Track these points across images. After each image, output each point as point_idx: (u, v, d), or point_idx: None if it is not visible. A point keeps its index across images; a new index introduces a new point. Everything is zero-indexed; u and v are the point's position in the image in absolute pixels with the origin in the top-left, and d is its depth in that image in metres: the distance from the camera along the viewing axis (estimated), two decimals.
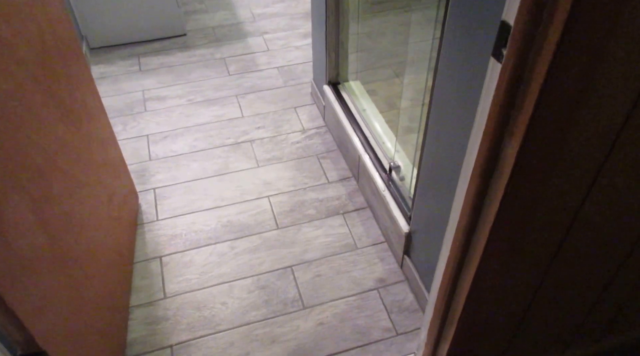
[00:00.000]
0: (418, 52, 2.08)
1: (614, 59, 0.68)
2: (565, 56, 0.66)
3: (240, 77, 2.40)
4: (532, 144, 0.76)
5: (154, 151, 2.01)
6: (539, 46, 0.66)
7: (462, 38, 0.97)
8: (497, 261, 0.99)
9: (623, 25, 0.64)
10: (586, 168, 0.85)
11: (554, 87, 0.69)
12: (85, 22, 2.44)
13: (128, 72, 2.41)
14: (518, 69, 0.69)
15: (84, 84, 1.34)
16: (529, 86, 0.70)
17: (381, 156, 1.71)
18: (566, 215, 0.93)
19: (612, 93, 0.73)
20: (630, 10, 0.62)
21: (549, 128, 0.75)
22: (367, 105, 1.94)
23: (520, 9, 0.64)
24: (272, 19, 2.80)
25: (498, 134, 0.79)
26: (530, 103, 0.70)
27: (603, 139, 0.80)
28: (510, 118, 0.76)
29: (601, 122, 0.77)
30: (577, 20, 0.62)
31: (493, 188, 0.86)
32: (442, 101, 1.12)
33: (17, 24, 0.93)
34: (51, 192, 1.00)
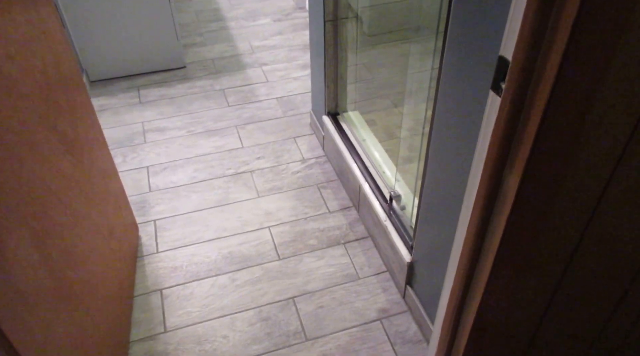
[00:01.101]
0: (417, 83, 2.12)
1: (612, 91, 0.69)
2: (563, 89, 0.67)
3: (239, 108, 2.42)
4: (533, 175, 0.77)
5: (154, 182, 2.01)
6: (537, 80, 0.67)
7: (460, 69, 0.99)
8: (501, 292, 0.99)
9: (619, 58, 0.65)
10: (587, 198, 0.85)
11: (554, 120, 0.70)
12: (85, 55, 2.48)
13: (128, 104, 2.44)
14: (517, 102, 0.71)
15: (86, 117, 1.35)
16: (528, 119, 0.71)
17: (382, 185, 1.72)
18: (569, 243, 0.93)
19: (611, 124, 0.74)
20: (625, 43, 0.64)
21: (549, 160, 0.76)
22: (366, 135, 1.96)
23: (518, 44, 0.65)
24: (270, 50, 2.85)
25: (499, 166, 0.80)
26: (530, 136, 0.71)
27: (603, 169, 0.81)
28: (511, 150, 0.77)
29: (601, 152, 0.78)
30: (574, 55, 0.63)
31: (495, 220, 0.87)
32: (442, 131, 1.13)
33: (22, 61, 0.95)
34: (53, 227, 1.00)
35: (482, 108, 0.94)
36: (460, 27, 0.92)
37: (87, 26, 2.39)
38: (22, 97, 0.93)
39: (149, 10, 2.45)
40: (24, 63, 0.95)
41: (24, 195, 0.89)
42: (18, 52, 0.93)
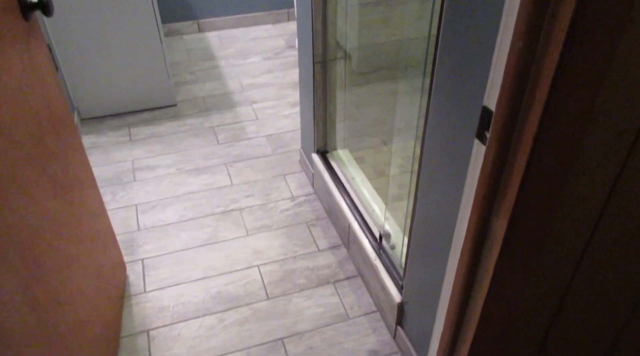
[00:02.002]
0: (405, 120, 2.16)
1: (592, 144, 0.72)
2: (546, 141, 0.69)
3: (229, 145, 2.44)
4: (520, 220, 0.79)
5: (142, 221, 2.00)
6: (521, 131, 0.70)
7: (446, 114, 1.01)
8: (492, 334, 0.99)
9: (598, 113, 0.68)
10: (575, 241, 0.87)
11: (538, 169, 0.72)
12: (77, 93, 2.50)
13: (118, 142, 2.45)
14: (501, 151, 0.73)
15: (77, 158, 1.36)
16: (513, 168, 0.73)
17: (371, 224, 1.73)
18: (559, 284, 0.94)
19: (593, 173, 0.76)
20: (602, 101, 0.67)
21: (535, 206, 0.77)
22: (355, 173, 1.98)
23: (500, 97, 0.68)
24: (260, 89, 2.89)
25: (486, 211, 0.81)
26: (515, 184, 0.73)
27: (589, 213, 0.83)
28: (497, 196, 0.78)
29: (586, 198, 0.80)
30: (556, 105, 0.66)
31: (484, 263, 0.88)
32: (431, 169, 1.15)
33: (15, 107, 0.96)
34: (41, 271, 0.99)
35: (468, 150, 0.96)
36: (446, 75, 0.95)
37: (79, 65, 2.42)
38: (14, 143, 0.94)
39: (141, 50, 2.49)
40: (17, 109, 0.96)
41: (13, 240, 0.88)
42: (11, 98, 0.94)
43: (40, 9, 1.09)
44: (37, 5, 1.09)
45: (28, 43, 1.08)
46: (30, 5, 1.09)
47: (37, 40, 1.15)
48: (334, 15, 1.73)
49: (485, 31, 0.80)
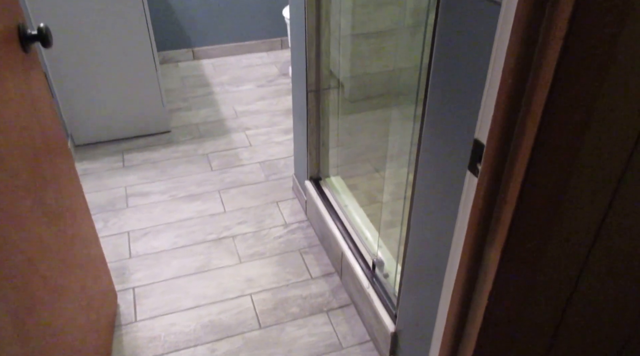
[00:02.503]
0: (398, 147, 2.18)
1: (582, 175, 0.74)
2: (537, 173, 0.71)
3: (222, 172, 2.45)
4: (513, 251, 0.80)
5: (134, 248, 1.99)
6: (512, 163, 0.71)
7: (438, 145, 1.03)
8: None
9: (588, 146, 0.70)
10: (568, 271, 0.88)
11: (530, 199, 0.73)
12: (71, 119, 2.51)
13: (112, 168, 2.45)
14: (493, 183, 0.74)
15: (70, 186, 1.36)
16: (505, 199, 0.74)
17: (364, 252, 1.73)
18: (553, 316, 0.95)
19: (583, 203, 0.78)
20: (592, 135, 0.69)
21: (528, 237, 0.78)
22: (348, 200, 1.99)
23: (491, 131, 0.70)
24: (254, 115, 2.92)
25: (479, 242, 0.82)
26: (508, 215, 0.74)
27: (582, 243, 0.84)
28: (490, 227, 0.79)
29: (577, 229, 0.81)
30: (546, 141, 0.68)
31: (478, 293, 0.88)
32: (423, 197, 1.17)
33: (12, 137, 0.97)
34: (32, 301, 0.97)
35: (461, 180, 0.97)
36: (438, 107, 0.98)
37: (74, 91, 2.44)
38: (10, 172, 0.94)
39: (136, 77, 2.51)
40: (13, 139, 0.97)
41: (5, 271, 0.88)
42: (8, 129, 0.95)
43: (39, 41, 1.11)
44: (37, 37, 1.10)
45: (26, 74, 1.10)
46: (29, 37, 1.10)
47: (35, 71, 1.16)
48: (327, 45, 1.77)
49: (476, 66, 0.83)
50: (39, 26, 1.11)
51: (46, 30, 1.10)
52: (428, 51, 1.00)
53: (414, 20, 1.95)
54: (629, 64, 0.62)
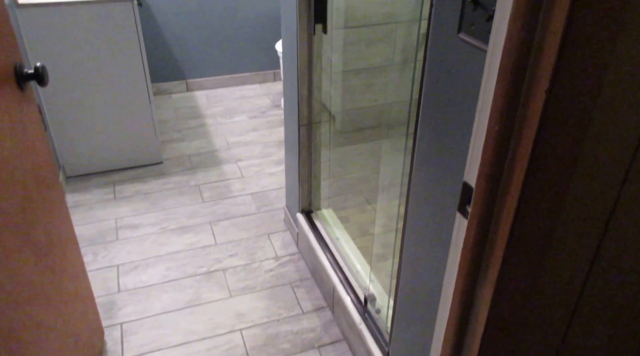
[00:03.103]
0: (389, 179, 2.20)
1: (572, 210, 0.75)
2: (526, 214, 0.72)
3: (214, 203, 2.44)
4: (505, 289, 0.80)
5: (123, 282, 1.96)
6: (501, 206, 0.72)
7: (429, 182, 1.04)
8: None
9: (573, 190, 0.71)
10: (561, 309, 0.88)
11: (520, 241, 0.74)
12: (63, 151, 2.51)
13: (102, 200, 2.44)
14: (483, 225, 0.75)
15: (61, 222, 1.35)
16: (495, 240, 0.75)
17: (356, 286, 1.72)
18: (550, 348, 0.94)
19: (573, 240, 0.79)
20: (577, 179, 0.70)
21: (519, 277, 0.79)
22: (340, 233, 1.99)
23: (480, 174, 0.71)
24: (246, 146, 2.94)
25: (470, 282, 0.83)
26: (499, 256, 0.75)
27: (573, 281, 0.85)
28: (481, 267, 0.80)
29: (568, 267, 0.82)
30: (534, 184, 0.69)
31: (471, 333, 0.88)
32: (415, 230, 1.17)
33: (4, 176, 0.97)
34: (17, 344, 0.96)
35: (452, 213, 0.98)
36: (427, 148, 0.99)
37: (67, 122, 2.45)
38: (1, 212, 0.93)
39: (130, 108, 2.53)
40: (5, 178, 0.97)
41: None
42: (1, 169, 0.95)
43: (35, 79, 1.12)
44: (33, 76, 1.12)
45: (21, 112, 1.10)
46: (26, 76, 1.12)
47: (29, 108, 1.17)
48: (318, 81, 1.80)
49: (464, 108, 0.85)
50: (36, 65, 1.12)
51: (42, 70, 1.12)
52: (417, 87, 1.02)
53: (403, 57, 2.00)
54: (612, 111, 0.65)
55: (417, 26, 1.78)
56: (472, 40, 0.76)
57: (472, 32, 0.76)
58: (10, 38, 1.10)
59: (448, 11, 0.83)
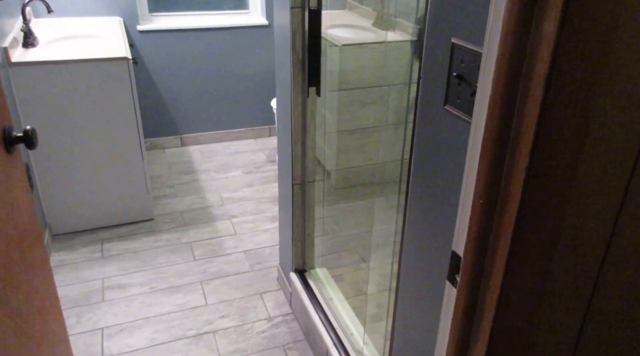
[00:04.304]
0: (383, 236, 2.17)
1: (558, 276, 0.73)
2: (513, 285, 0.70)
3: (206, 262, 2.40)
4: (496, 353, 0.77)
5: (108, 347, 1.89)
6: (489, 275, 0.70)
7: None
8: None
9: (556, 263, 0.70)
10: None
11: (508, 309, 0.72)
12: (51, 208, 2.48)
13: (89, 259, 2.39)
14: (472, 294, 0.73)
15: (43, 286, 1.31)
16: (483, 310, 0.72)
17: (350, 349, 1.66)
18: None
19: (561, 307, 0.76)
20: (558, 256, 0.69)
21: (510, 343, 0.76)
22: (333, 292, 1.94)
23: (467, 245, 0.69)
24: (240, 202, 2.92)
25: (461, 349, 0.79)
26: (487, 326, 0.72)
27: (566, 338, 0.81)
28: (471, 335, 0.77)
29: (559, 328, 0.79)
30: (519, 254, 0.67)
31: None
32: (408, 291, 1.14)
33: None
34: None
35: (442, 279, 0.95)
36: (417, 217, 0.98)
37: (55, 179, 2.43)
38: None
39: (122, 165, 2.52)
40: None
41: None
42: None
43: (24, 142, 1.12)
44: (22, 139, 1.11)
45: (7, 175, 1.09)
46: (14, 139, 1.11)
47: (16, 171, 1.16)
48: (312, 141, 1.81)
49: (451, 179, 0.84)
50: (25, 129, 1.12)
51: (32, 133, 1.12)
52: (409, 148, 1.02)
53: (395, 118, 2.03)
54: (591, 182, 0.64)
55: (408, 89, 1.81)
56: (457, 112, 0.76)
57: (458, 105, 0.77)
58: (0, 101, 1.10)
59: (435, 84, 0.85)
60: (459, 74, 0.82)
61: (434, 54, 0.89)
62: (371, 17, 2.54)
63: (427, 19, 0.90)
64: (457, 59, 0.83)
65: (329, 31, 2.55)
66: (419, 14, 1.63)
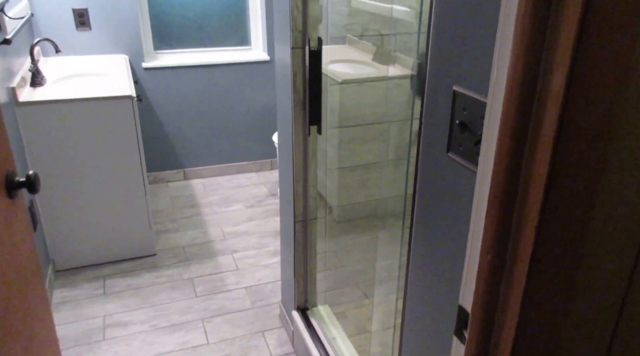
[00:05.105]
0: (386, 271, 2.15)
1: (570, 334, 0.71)
2: (524, 342, 0.68)
3: (207, 298, 2.37)
4: None
5: None
6: (499, 332, 0.69)
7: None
8: None
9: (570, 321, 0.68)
10: None
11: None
12: (54, 244, 2.47)
13: (91, 295, 2.36)
14: (481, 351, 0.71)
15: (43, 330, 1.29)
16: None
17: None
18: None
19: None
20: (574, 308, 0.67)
21: None
22: (337, 332, 1.90)
23: (475, 301, 0.68)
24: (242, 237, 2.91)
25: None
26: None
27: None
28: None
29: None
30: (530, 311, 0.66)
31: None
32: (414, 327, 1.11)
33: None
34: None
35: (450, 335, 0.94)
36: (422, 270, 0.97)
37: (59, 215, 2.43)
38: None
39: (125, 201, 2.52)
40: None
41: None
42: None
43: (26, 187, 1.12)
44: (24, 184, 1.12)
45: (8, 220, 1.09)
46: (17, 184, 1.12)
47: (17, 216, 1.16)
48: (314, 179, 1.82)
49: (455, 227, 0.84)
50: (28, 174, 1.12)
51: (34, 178, 1.12)
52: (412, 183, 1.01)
53: (397, 154, 2.04)
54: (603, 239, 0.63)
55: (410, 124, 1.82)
56: (461, 160, 0.76)
57: (461, 153, 0.77)
58: (3, 145, 1.11)
59: (437, 130, 0.85)
60: (461, 122, 0.83)
61: (435, 100, 0.89)
62: (371, 52, 2.57)
63: (428, 65, 0.91)
64: (459, 106, 0.83)
65: (330, 66, 2.58)
66: (420, 49, 1.66)
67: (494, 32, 0.72)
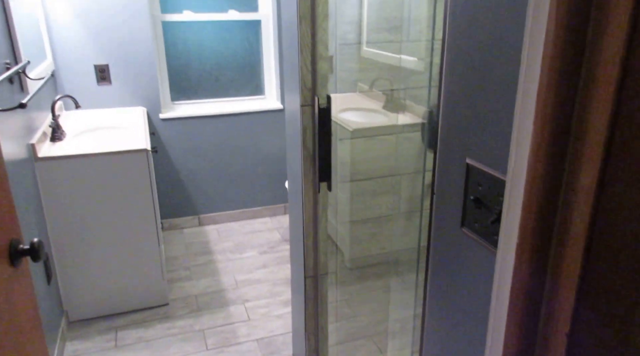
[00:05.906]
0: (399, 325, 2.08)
1: None
2: None
3: (218, 351, 2.32)
4: None
5: None
6: None
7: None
8: None
9: None
10: None
11: None
12: (68, 296, 2.47)
13: (103, 349, 2.34)
14: None
15: None
16: None
17: None
18: None
19: None
20: None
21: None
22: None
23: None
24: (254, 285, 2.87)
25: None
26: None
27: None
28: None
29: None
30: None
31: None
32: None
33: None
34: None
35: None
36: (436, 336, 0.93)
37: (74, 266, 2.44)
38: None
39: (138, 251, 2.53)
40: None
41: None
42: None
43: (30, 255, 1.12)
44: (28, 252, 1.12)
45: (9, 288, 1.09)
46: (20, 252, 1.12)
47: (20, 285, 1.16)
48: (324, 233, 1.79)
49: (472, 304, 0.80)
50: (32, 241, 1.13)
51: (38, 245, 1.13)
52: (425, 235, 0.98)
53: (409, 206, 2.01)
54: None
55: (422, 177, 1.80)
56: (476, 237, 0.74)
57: (476, 230, 0.74)
58: (9, 214, 1.12)
59: (450, 203, 0.83)
60: (476, 198, 0.78)
61: (447, 172, 0.86)
62: (381, 100, 2.58)
63: (440, 136, 0.88)
64: (473, 181, 0.79)
65: (340, 115, 2.60)
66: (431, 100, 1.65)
67: (508, 104, 0.69)
